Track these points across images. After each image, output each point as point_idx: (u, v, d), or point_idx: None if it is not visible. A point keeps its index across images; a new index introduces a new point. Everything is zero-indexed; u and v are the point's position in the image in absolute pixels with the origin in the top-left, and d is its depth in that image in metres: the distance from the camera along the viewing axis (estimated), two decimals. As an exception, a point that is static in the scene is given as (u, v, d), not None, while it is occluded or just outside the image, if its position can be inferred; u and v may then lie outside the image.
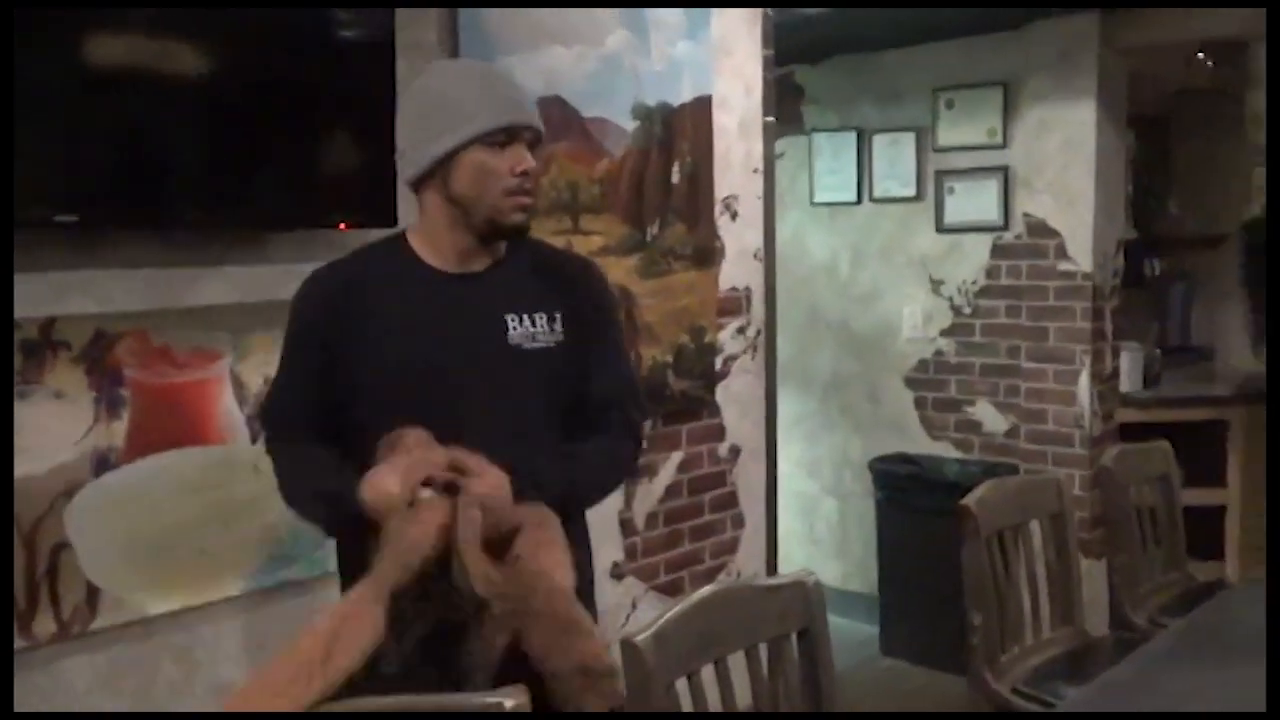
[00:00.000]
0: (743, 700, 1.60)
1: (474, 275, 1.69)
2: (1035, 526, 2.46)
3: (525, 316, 1.68)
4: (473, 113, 1.61)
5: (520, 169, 1.62)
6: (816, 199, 4.73)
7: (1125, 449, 2.77)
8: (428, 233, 1.69)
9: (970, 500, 2.25)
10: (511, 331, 1.66)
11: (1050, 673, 2.30)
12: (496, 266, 1.71)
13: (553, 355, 1.69)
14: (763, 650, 1.60)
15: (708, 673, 1.53)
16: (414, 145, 1.66)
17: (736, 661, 1.59)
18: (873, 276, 4.59)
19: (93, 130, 1.87)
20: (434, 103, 1.65)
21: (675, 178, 3.08)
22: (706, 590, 1.56)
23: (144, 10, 1.91)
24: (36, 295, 1.89)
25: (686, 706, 1.48)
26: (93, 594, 1.98)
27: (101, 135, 1.89)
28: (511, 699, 1.21)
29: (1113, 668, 1.72)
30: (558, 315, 1.70)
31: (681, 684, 1.47)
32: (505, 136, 1.62)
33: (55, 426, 1.93)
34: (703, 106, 3.16)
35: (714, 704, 1.57)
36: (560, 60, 2.78)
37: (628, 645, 1.40)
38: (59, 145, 1.83)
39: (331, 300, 1.68)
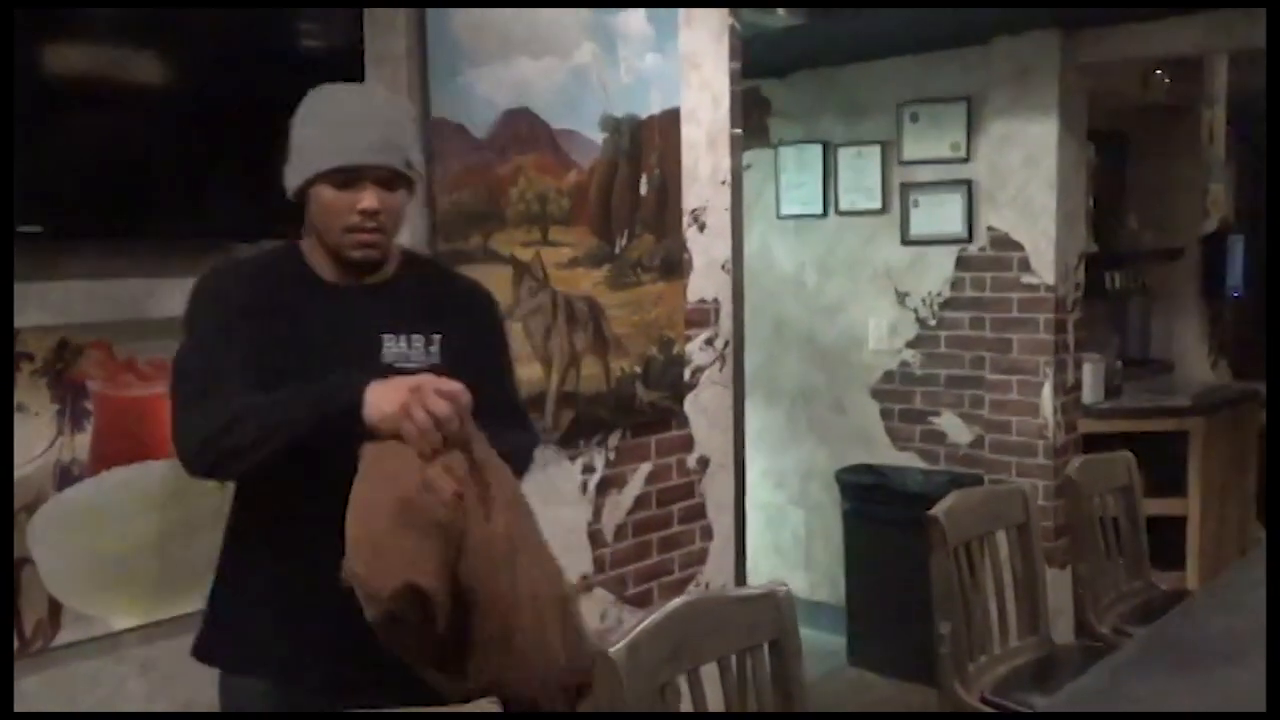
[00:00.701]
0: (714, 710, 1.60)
1: (361, 289, 1.73)
2: (1001, 536, 2.48)
3: (402, 337, 1.70)
4: (315, 151, 1.66)
5: (360, 208, 1.64)
6: (783, 211, 4.76)
7: (1089, 459, 2.80)
8: (310, 247, 1.75)
9: (938, 510, 2.27)
10: (385, 350, 1.69)
11: (1018, 681, 2.32)
12: (384, 284, 1.75)
13: None
14: (734, 661, 1.61)
15: (682, 683, 1.53)
16: (288, 170, 1.71)
17: (708, 672, 1.60)
18: (838, 288, 4.63)
19: (56, 140, 1.85)
20: (296, 134, 1.70)
21: (644, 189, 3.09)
22: (678, 601, 1.56)
23: (107, 19, 1.90)
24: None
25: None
26: (55, 609, 1.95)
27: (65, 145, 1.86)
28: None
29: (1080, 676, 1.74)
30: (436, 339, 1.73)
31: (654, 696, 1.47)
32: (346, 176, 1.64)
33: (18, 440, 1.89)
34: (670, 119, 3.17)
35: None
36: (528, 72, 2.78)
37: (601, 657, 1.40)
38: (22, 155, 1.81)
39: (236, 296, 1.70)
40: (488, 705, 1.39)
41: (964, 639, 2.25)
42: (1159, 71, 4.57)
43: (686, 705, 1.55)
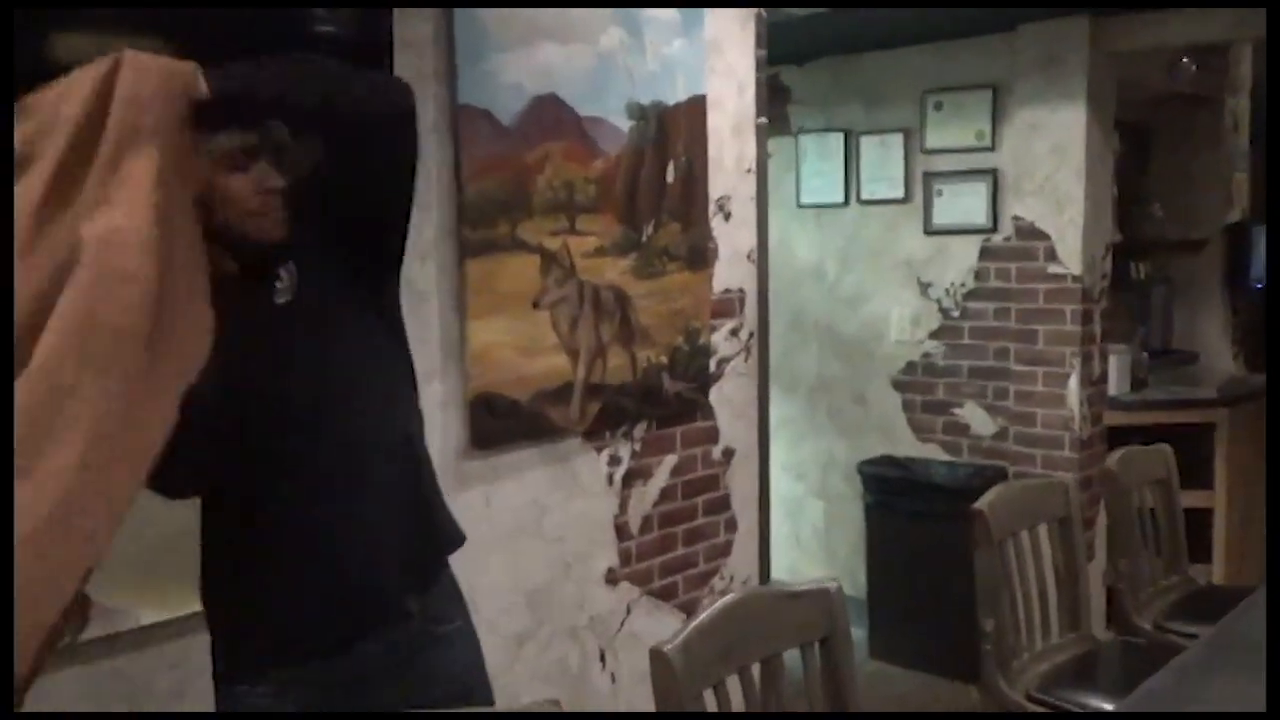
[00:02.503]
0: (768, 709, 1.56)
1: None
2: (1042, 530, 2.43)
3: None
4: None
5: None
6: (803, 201, 4.71)
7: (1128, 451, 2.75)
8: None
9: (982, 504, 2.22)
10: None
11: (1061, 679, 2.28)
12: None
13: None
14: (785, 659, 1.57)
15: (733, 683, 1.50)
16: None
17: (758, 672, 1.56)
18: (859, 279, 4.58)
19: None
20: None
21: (670, 178, 3.05)
22: (730, 598, 1.52)
23: (137, 10, 1.86)
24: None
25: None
26: (83, 603, 1.91)
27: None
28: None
29: (1151, 677, 1.69)
30: None
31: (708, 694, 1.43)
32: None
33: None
34: (697, 106, 3.12)
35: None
36: (555, 58, 2.73)
37: (656, 654, 1.36)
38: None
39: None
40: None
41: (1008, 635, 2.21)
42: (1185, 59, 4.51)
43: (738, 705, 1.51)
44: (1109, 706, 2.10)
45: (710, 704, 1.45)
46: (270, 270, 1.57)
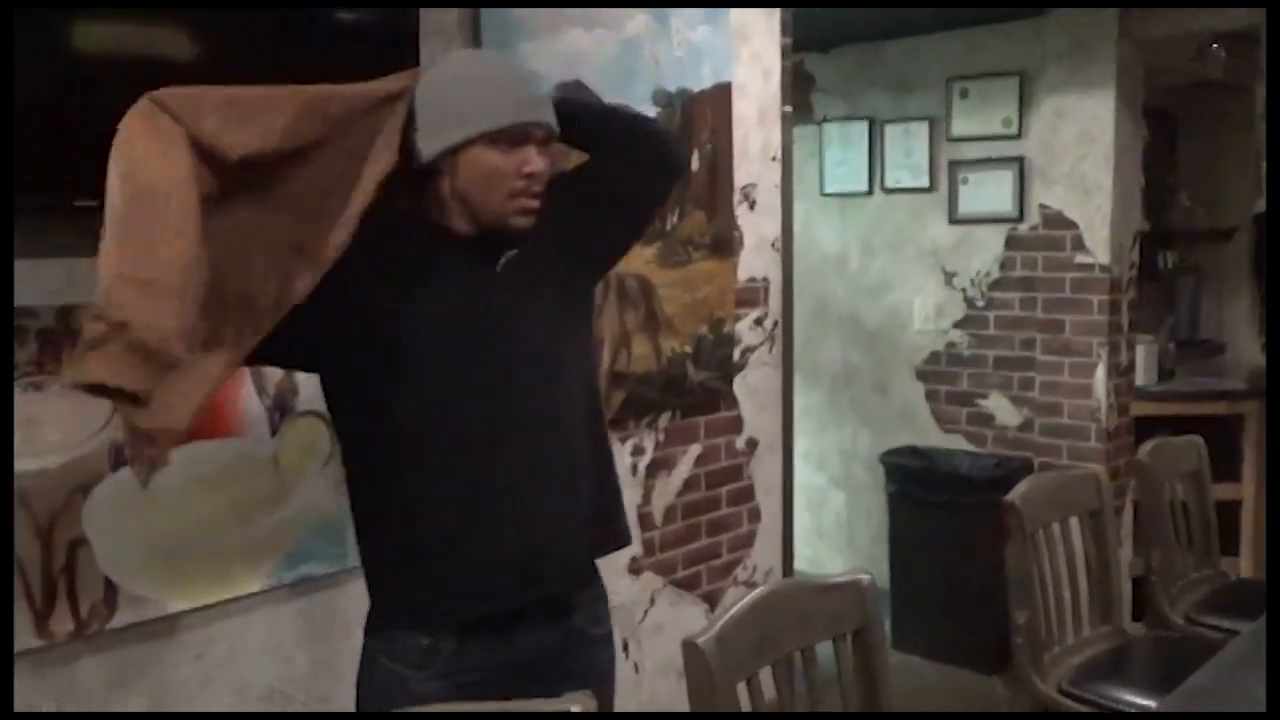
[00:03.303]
0: (800, 701, 1.55)
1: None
2: (1074, 522, 2.40)
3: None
4: (482, 108, 1.55)
5: (527, 170, 1.55)
6: (827, 189, 4.68)
7: (1160, 443, 2.72)
8: (447, 217, 1.62)
9: (1014, 496, 2.19)
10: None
11: (1094, 673, 2.25)
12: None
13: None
14: (818, 651, 1.55)
15: (764, 675, 1.48)
16: (424, 133, 1.58)
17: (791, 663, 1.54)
18: (883, 268, 4.55)
19: (114, 114, 1.80)
20: (445, 93, 1.58)
21: (695, 165, 3.02)
22: (762, 590, 1.51)
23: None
24: (53, 282, 1.82)
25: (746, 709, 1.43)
26: (111, 591, 1.92)
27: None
28: (578, 704, 1.16)
29: (1195, 673, 1.66)
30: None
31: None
32: (514, 136, 1.55)
33: (72, 418, 1.85)
34: (722, 93, 3.10)
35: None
36: (581, 44, 2.71)
37: (690, 647, 1.34)
38: (77, 127, 1.76)
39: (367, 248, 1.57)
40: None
41: (1040, 629, 2.18)
42: (1215, 45, 4.45)
43: (771, 698, 1.50)
44: (1144, 701, 2.08)
45: (744, 698, 1.44)
46: (504, 248, 1.61)
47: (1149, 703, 2.06)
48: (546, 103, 1.62)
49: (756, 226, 3.28)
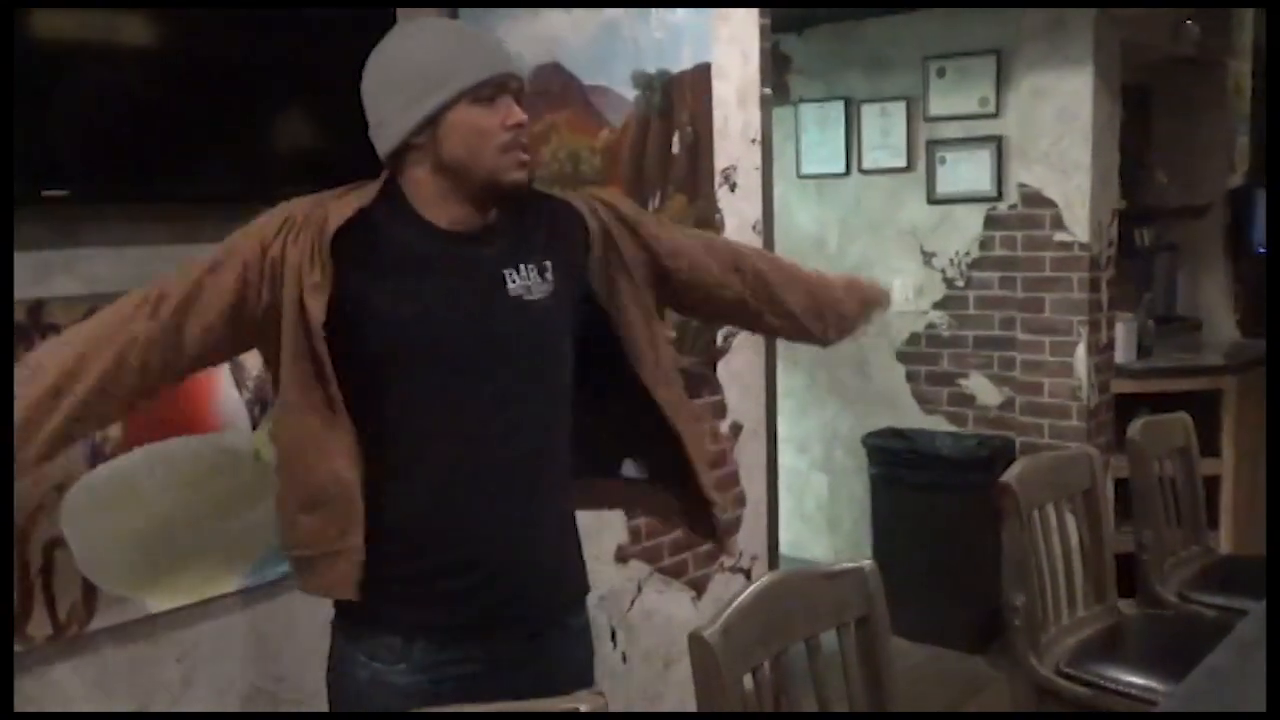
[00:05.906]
0: (803, 693, 1.52)
1: (470, 235, 1.57)
2: (1067, 503, 2.39)
3: (520, 268, 1.57)
4: (455, 68, 1.49)
5: (512, 122, 1.50)
6: (804, 171, 4.65)
7: (1150, 420, 2.71)
8: (423, 190, 1.55)
9: (1009, 477, 2.17)
10: (510, 285, 1.55)
11: (1090, 653, 2.24)
12: (487, 226, 1.59)
13: (549, 306, 1.59)
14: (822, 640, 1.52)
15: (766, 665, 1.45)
16: (394, 112, 1.52)
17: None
18: (862, 249, 4.53)
19: (82, 102, 1.74)
20: (409, 65, 1.52)
21: (676, 148, 2.98)
22: (766, 579, 1.48)
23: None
24: (23, 277, 1.75)
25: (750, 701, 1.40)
26: (89, 593, 1.86)
27: (93, 107, 1.76)
28: (587, 703, 1.12)
29: (1210, 655, 1.64)
30: (548, 265, 1.60)
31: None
32: (492, 90, 1.50)
33: (46, 416, 1.79)
34: (702, 74, 3.05)
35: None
36: (559, 26, 2.66)
37: (696, 639, 1.31)
38: (45, 118, 1.70)
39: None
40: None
41: (1036, 610, 2.17)
42: (1189, 21, 4.45)
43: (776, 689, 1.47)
44: (1143, 681, 2.07)
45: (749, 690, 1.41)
46: (502, 203, 1.56)
47: (1149, 682, 2.06)
48: (512, 54, 1.57)
49: (737, 209, 3.24)
